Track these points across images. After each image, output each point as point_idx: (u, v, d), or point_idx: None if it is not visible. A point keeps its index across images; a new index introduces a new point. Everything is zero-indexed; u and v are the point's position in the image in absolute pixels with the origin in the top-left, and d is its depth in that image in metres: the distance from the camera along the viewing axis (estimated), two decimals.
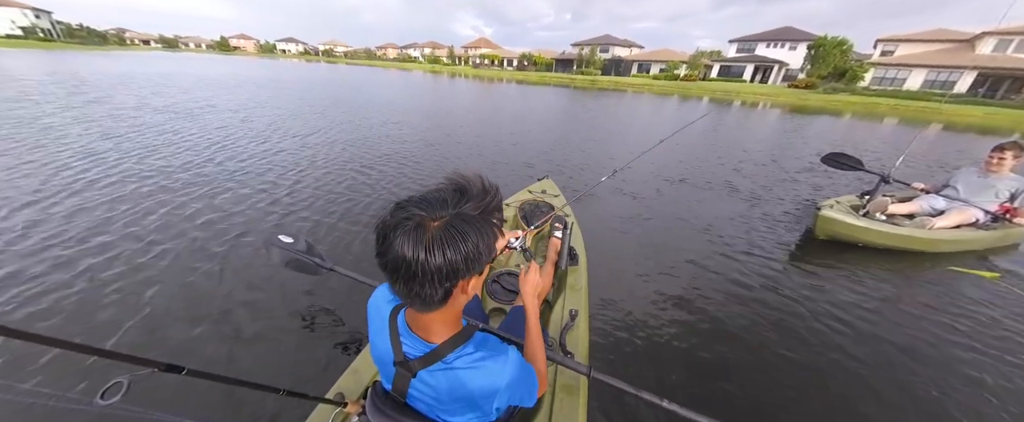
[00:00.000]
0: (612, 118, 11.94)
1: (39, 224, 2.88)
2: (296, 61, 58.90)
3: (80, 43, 55.05)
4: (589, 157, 6.50)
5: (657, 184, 5.04)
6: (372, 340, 0.76)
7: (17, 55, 23.95)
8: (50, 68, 16.04)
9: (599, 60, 48.54)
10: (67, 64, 19.07)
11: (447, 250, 0.52)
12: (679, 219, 3.97)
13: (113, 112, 7.55)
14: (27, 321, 1.94)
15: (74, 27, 62.85)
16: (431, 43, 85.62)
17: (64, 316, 1.99)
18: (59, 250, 2.55)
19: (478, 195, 0.58)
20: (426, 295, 0.55)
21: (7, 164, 4.14)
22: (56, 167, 4.14)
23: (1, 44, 35.51)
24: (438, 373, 0.66)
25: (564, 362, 1.15)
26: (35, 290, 2.14)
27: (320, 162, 5.12)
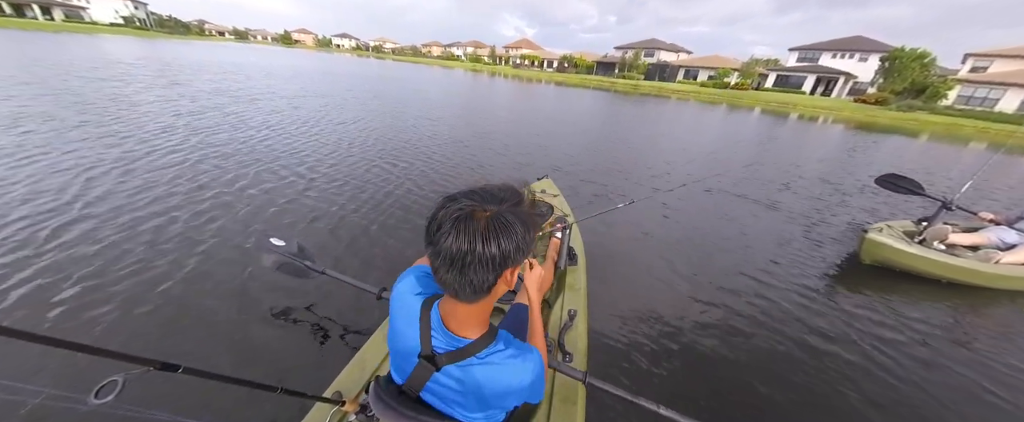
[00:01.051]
0: (650, 125, 11.62)
1: (94, 189, 3.42)
2: (348, 55, 62.54)
3: (168, 32, 62.20)
4: (615, 164, 6.41)
5: (695, 193, 4.93)
6: (396, 331, 0.75)
7: (117, 40, 27.48)
8: (142, 53, 18.33)
9: (643, 64, 47.05)
10: (156, 50, 21.73)
11: (502, 239, 0.55)
12: (710, 229, 3.89)
13: (186, 94, 8.56)
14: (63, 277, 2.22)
15: (164, 17, 71.03)
16: (474, 42, 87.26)
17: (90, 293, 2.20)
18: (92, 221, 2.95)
19: (517, 197, 0.62)
20: (479, 282, 0.58)
21: (94, 133, 4.88)
22: (131, 138, 4.83)
23: (105, 31, 41.05)
24: (470, 368, 0.67)
25: (560, 368, 1.14)
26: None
27: (355, 151, 5.51)
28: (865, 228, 3.09)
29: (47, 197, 3.06)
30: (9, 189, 3.12)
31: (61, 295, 2.00)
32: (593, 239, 3.27)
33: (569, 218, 2.38)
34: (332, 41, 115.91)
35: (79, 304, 1.95)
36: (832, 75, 35.87)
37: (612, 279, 2.76)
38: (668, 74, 45.66)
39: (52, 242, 2.47)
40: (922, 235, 3.09)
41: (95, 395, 0.55)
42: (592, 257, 2.93)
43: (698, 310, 2.47)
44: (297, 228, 3.01)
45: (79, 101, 6.66)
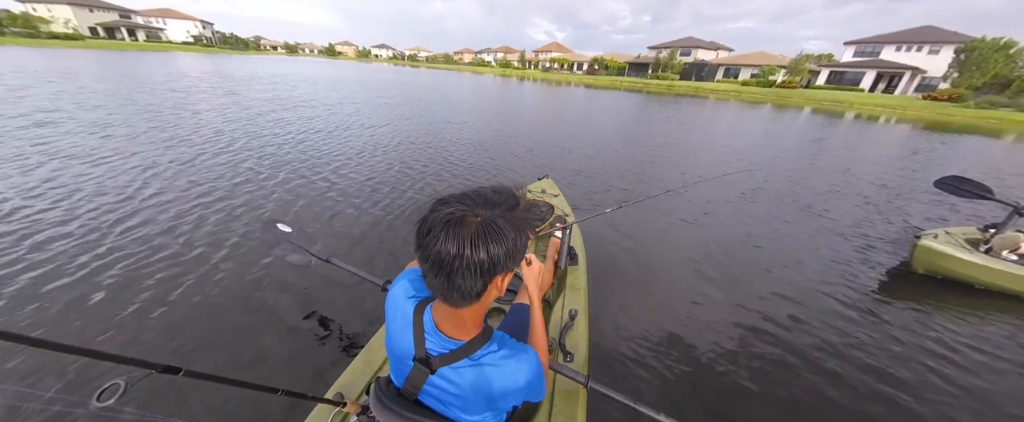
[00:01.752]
0: (680, 127, 11.13)
1: (147, 187, 3.81)
2: (385, 64, 65.87)
3: (230, 48, 68.90)
4: (633, 166, 6.21)
5: (731, 195, 4.70)
6: (391, 335, 0.75)
7: (187, 57, 30.86)
8: (206, 68, 20.42)
9: (678, 64, 45.22)
10: (218, 65, 24.10)
11: (491, 244, 0.54)
12: (736, 230, 3.68)
13: (239, 103, 9.42)
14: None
15: (226, 35, 78.90)
16: (504, 47, 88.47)
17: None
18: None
19: (513, 201, 0.61)
20: (466, 288, 0.57)
21: (157, 138, 5.50)
22: (186, 142, 5.38)
23: (178, 49, 46.44)
24: (465, 370, 0.66)
25: (561, 370, 1.13)
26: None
27: (379, 153, 5.77)
28: (917, 234, 2.77)
29: (110, 195, 3.50)
30: (83, 186, 3.61)
31: (70, 293, 2.08)
32: (603, 239, 3.22)
33: (569, 218, 2.35)
34: (371, 51, 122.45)
35: (82, 304, 2.00)
36: (895, 70, 32.45)
37: (621, 279, 2.68)
38: (706, 73, 43.56)
39: (105, 237, 2.80)
40: (989, 243, 2.70)
41: (97, 398, 0.55)
42: (602, 258, 2.91)
43: (714, 314, 2.33)
44: (313, 226, 3.15)
45: (150, 110, 7.55)
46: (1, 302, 1.98)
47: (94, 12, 51.90)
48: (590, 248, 2.98)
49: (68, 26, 46.93)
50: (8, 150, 4.42)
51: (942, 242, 2.64)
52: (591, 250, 2.97)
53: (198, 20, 67.19)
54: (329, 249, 2.66)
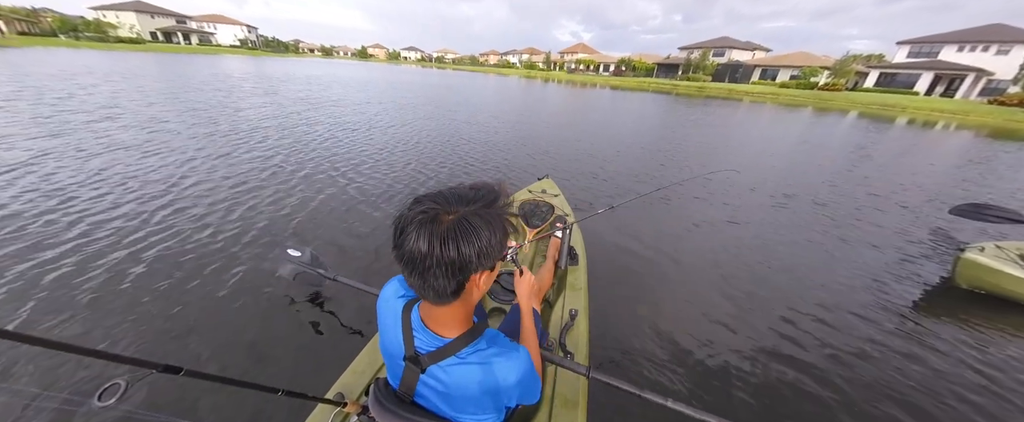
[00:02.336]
0: (705, 130, 10.71)
1: (184, 180, 4.08)
2: (414, 66, 67.74)
3: (272, 51, 73.40)
4: (642, 167, 6.05)
5: (762, 198, 4.55)
6: (382, 335, 0.76)
7: (233, 59, 33.14)
8: (249, 69, 21.82)
9: (711, 65, 43.52)
10: (260, 66, 25.70)
11: (461, 243, 0.53)
12: (770, 236, 3.52)
13: (275, 102, 9.98)
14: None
15: (269, 39, 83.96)
16: (529, 49, 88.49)
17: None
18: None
19: (492, 197, 0.60)
20: (440, 287, 0.57)
21: (199, 133, 5.93)
22: (223, 138, 5.77)
23: (226, 51, 50.05)
24: (451, 368, 0.66)
25: (562, 363, 1.13)
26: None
27: (397, 151, 5.95)
28: (962, 246, 2.54)
29: (153, 187, 3.81)
30: (131, 176, 3.96)
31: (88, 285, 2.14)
32: (610, 239, 3.17)
33: (569, 218, 2.35)
34: (400, 54, 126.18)
35: (106, 293, 2.08)
36: (956, 72, 29.67)
37: (625, 280, 2.63)
38: (741, 75, 41.65)
39: (139, 228, 3.04)
40: None
41: (98, 398, 0.54)
42: (604, 257, 2.87)
43: (725, 315, 2.24)
44: (323, 226, 3.17)
45: (197, 108, 8.16)
46: (42, 293, 2.11)
47: (155, 18, 56.78)
48: (600, 248, 2.99)
49: (132, 31, 51.62)
50: (73, 141, 4.92)
51: (990, 256, 2.40)
52: (602, 250, 2.98)
53: (244, 25, 71.78)
54: (332, 251, 2.72)
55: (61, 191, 3.39)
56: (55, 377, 1.50)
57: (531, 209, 2.44)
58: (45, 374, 1.52)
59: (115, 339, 1.77)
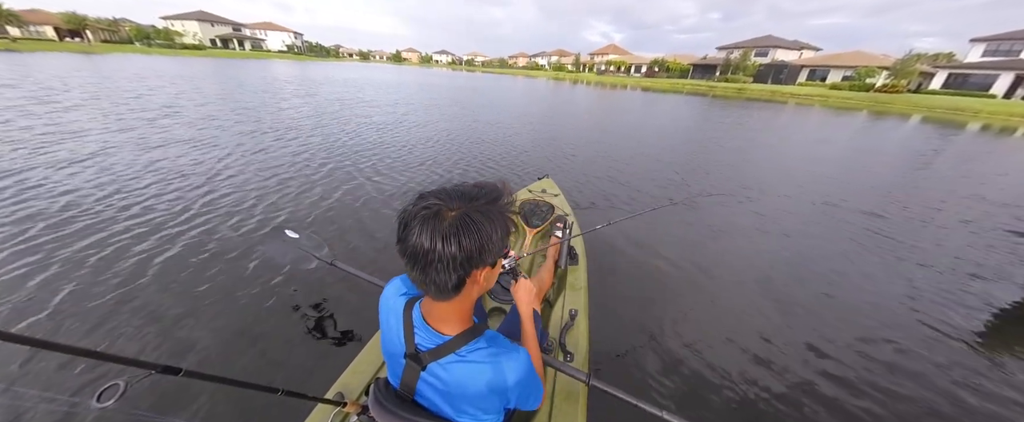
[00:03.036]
0: (744, 134, 10.09)
1: (221, 173, 4.33)
2: (444, 69, 69.37)
3: (315, 56, 78.16)
4: (661, 173, 5.73)
5: (801, 207, 4.25)
6: (383, 333, 0.77)
7: (280, 63, 35.58)
8: (293, 73, 23.26)
9: (752, 65, 41.21)
10: (303, 70, 27.33)
11: (463, 238, 0.54)
12: (806, 249, 3.22)
13: (312, 103, 10.54)
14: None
15: (313, 44, 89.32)
16: (558, 51, 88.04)
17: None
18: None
19: (494, 195, 0.61)
20: (441, 282, 0.58)
21: (243, 130, 6.34)
22: (262, 136, 6.11)
23: (275, 56, 53.94)
24: (450, 366, 0.66)
25: (563, 368, 1.12)
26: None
27: (417, 150, 6.07)
28: None
29: (194, 178, 4.11)
30: (173, 172, 4.29)
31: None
32: (617, 243, 3.05)
33: (569, 218, 2.33)
34: (432, 57, 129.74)
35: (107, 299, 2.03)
36: None
37: (632, 282, 2.52)
38: (786, 76, 39.14)
39: (177, 217, 3.27)
40: None
41: (97, 399, 0.54)
42: (612, 259, 2.78)
43: (755, 335, 2.06)
44: (337, 221, 3.19)
45: (244, 108, 8.80)
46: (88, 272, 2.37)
47: (214, 26, 62.12)
48: (611, 249, 2.89)
49: (195, 38, 56.82)
50: (134, 136, 5.44)
51: None
52: (613, 251, 2.88)
53: (291, 31, 76.93)
54: (349, 242, 2.78)
55: (114, 181, 3.73)
56: (54, 378, 1.50)
57: (531, 209, 2.44)
58: (44, 375, 1.52)
59: (117, 336, 1.77)
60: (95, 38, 49.80)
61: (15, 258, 2.32)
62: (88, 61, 20.37)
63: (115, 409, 0.55)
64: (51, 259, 2.34)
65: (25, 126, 5.52)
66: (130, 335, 1.79)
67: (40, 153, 4.36)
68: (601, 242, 2.95)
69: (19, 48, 29.09)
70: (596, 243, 2.87)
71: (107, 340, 1.76)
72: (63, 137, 5.09)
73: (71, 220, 2.86)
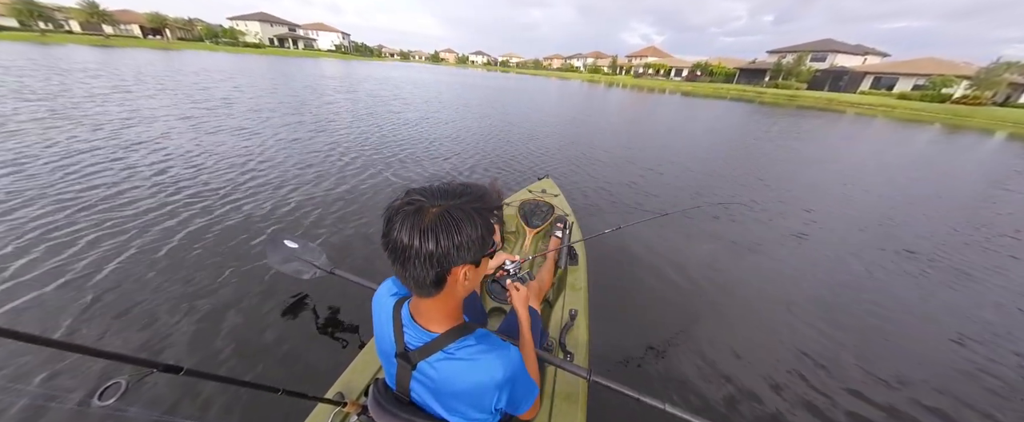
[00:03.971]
0: (793, 142, 9.33)
1: (256, 157, 4.61)
2: (479, 70, 70.44)
3: (359, 55, 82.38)
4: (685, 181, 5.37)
5: (848, 224, 3.85)
6: (376, 333, 0.78)
7: (329, 62, 37.87)
8: (339, 70, 24.64)
9: (807, 70, 38.29)
10: (348, 68, 28.84)
11: (440, 235, 0.55)
12: (843, 279, 2.92)
13: (352, 98, 11.08)
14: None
15: (358, 44, 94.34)
16: (595, 53, 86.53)
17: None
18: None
19: (479, 193, 0.61)
20: (419, 277, 0.58)
21: (284, 121, 6.76)
22: (301, 127, 6.47)
23: (324, 55, 57.60)
24: (439, 363, 0.66)
25: (563, 365, 1.11)
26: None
27: (435, 146, 6.17)
28: None
29: (232, 161, 4.44)
30: (216, 157, 4.66)
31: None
32: (627, 250, 2.93)
33: (570, 218, 2.33)
34: (469, 58, 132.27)
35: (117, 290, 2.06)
36: None
37: (639, 290, 2.39)
38: (846, 83, 35.98)
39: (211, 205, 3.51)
40: None
41: (99, 397, 0.55)
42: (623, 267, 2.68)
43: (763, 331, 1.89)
44: (346, 220, 3.14)
45: (289, 101, 9.41)
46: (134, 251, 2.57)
47: (272, 26, 67.20)
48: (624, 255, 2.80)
49: (256, 37, 61.72)
50: (193, 124, 5.99)
51: None
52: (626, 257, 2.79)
53: (339, 32, 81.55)
54: (351, 242, 2.77)
55: (166, 162, 4.11)
56: (55, 376, 1.50)
57: (531, 209, 2.42)
58: (45, 373, 1.51)
59: (118, 334, 1.77)
60: (173, 36, 55.53)
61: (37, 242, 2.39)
62: (165, 56, 22.83)
63: (116, 408, 0.55)
64: (63, 247, 2.37)
65: (105, 112, 6.27)
66: (130, 334, 1.77)
67: (112, 134, 4.91)
68: (609, 245, 2.86)
69: (111, 44, 33.15)
70: (604, 247, 2.78)
71: (107, 339, 1.73)
72: (133, 122, 5.71)
73: (120, 205, 3.04)
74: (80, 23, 46.66)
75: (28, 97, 6.91)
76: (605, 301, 2.23)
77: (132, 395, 0.60)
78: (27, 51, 18.06)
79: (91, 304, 1.94)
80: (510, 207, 2.50)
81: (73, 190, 3.20)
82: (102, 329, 1.79)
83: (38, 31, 39.26)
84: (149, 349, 1.70)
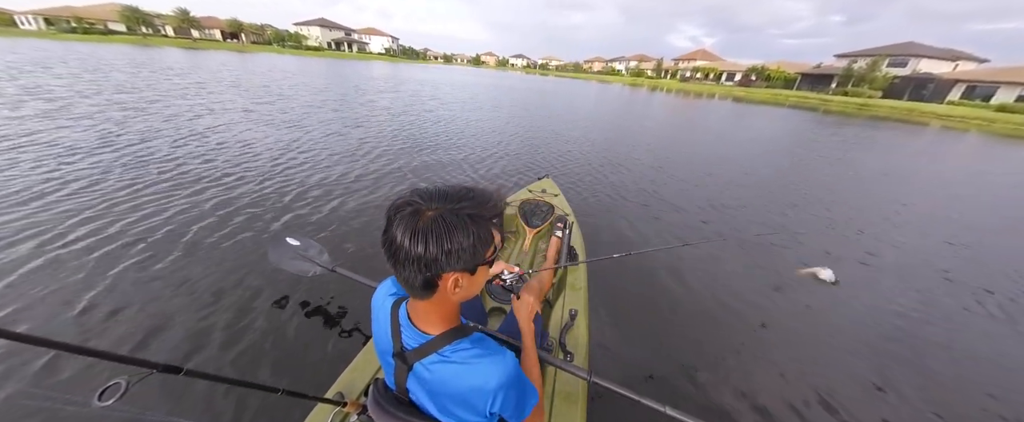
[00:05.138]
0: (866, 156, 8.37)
1: (294, 148, 4.91)
2: (518, 73, 71.08)
3: (406, 58, 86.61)
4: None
5: (918, 256, 3.39)
6: (374, 331, 0.78)
7: (378, 64, 40.24)
8: (386, 72, 26.03)
9: (883, 77, 34.33)
10: (395, 70, 30.42)
11: (430, 240, 0.54)
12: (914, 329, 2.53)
13: (394, 97, 11.66)
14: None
15: (406, 48, 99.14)
16: (639, 56, 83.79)
17: None
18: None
19: (481, 200, 0.60)
20: (409, 279, 0.59)
21: (323, 117, 7.25)
22: (337, 122, 6.88)
23: (375, 58, 61.62)
24: (434, 366, 0.67)
25: (563, 366, 1.10)
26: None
27: (468, 146, 6.24)
28: None
29: (272, 151, 4.81)
30: (262, 146, 5.07)
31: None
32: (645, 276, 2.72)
33: (569, 218, 2.31)
34: (509, 61, 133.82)
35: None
36: None
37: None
38: (932, 92, 31.82)
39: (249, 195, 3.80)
40: None
41: (99, 398, 0.55)
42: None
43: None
44: (363, 216, 3.18)
45: (336, 98, 10.10)
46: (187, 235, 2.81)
47: (331, 31, 72.59)
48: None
49: (317, 41, 67.03)
50: (253, 116, 6.63)
51: None
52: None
53: (389, 36, 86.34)
54: (350, 240, 2.77)
55: (221, 149, 4.54)
56: (55, 377, 1.49)
57: (531, 209, 2.42)
58: (45, 373, 1.50)
59: (121, 331, 1.77)
60: (247, 39, 61.83)
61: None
62: (240, 58, 25.61)
63: (116, 408, 0.55)
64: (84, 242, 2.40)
65: (182, 103, 7.14)
66: (131, 334, 1.75)
67: (179, 125, 5.55)
68: (620, 265, 2.59)
69: (197, 47, 37.87)
70: (613, 266, 2.51)
71: (108, 339, 1.72)
72: (202, 114, 6.42)
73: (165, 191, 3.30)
74: (173, 28, 53.75)
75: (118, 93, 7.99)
76: (605, 301, 2.21)
77: (132, 395, 0.55)
78: (131, 52, 21.05)
79: (91, 304, 1.90)
80: (510, 207, 2.52)
81: (71, 188, 3.15)
82: (102, 329, 1.77)
83: (140, 35, 46.05)
84: (149, 349, 1.69)
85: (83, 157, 3.89)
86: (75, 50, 19.40)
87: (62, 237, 2.45)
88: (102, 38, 37.33)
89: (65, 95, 6.97)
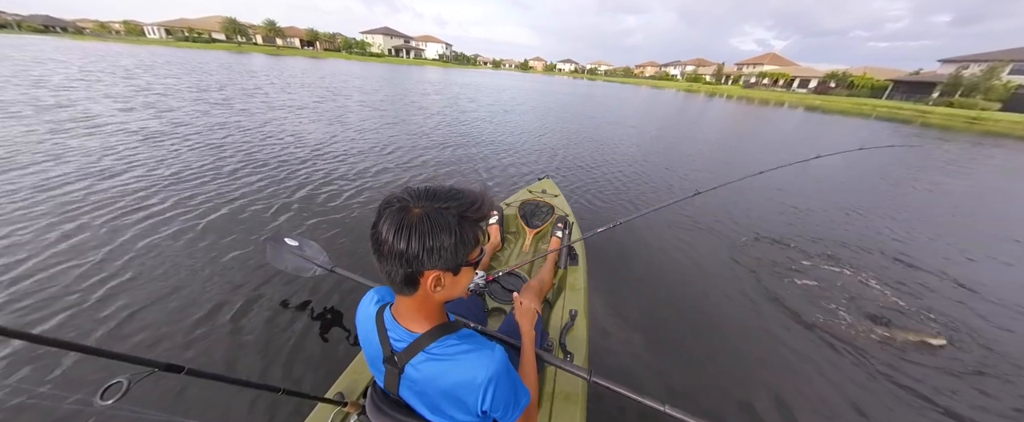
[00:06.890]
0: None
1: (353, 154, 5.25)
2: (565, 78, 70.46)
3: (458, 63, 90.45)
4: None
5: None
6: (362, 343, 0.78)
7: (433, 69, 42.55)
8: (438, 77, 27.38)
9: (1003, 85, 28.93)
10: (446, 75, 31.84)
11: (413, 237, 0.55)
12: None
13: (439, 99, 12.22)
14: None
15: (458, 54, 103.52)
16: (697, 60, 79.07)
17: None
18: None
19: (469, 201, 0.60)
20: (391, 273, 0.60)
21: (365, 115, 7.69)
22: (385, 127, 7.29)
23: (430, 64, 65.65)
24: (421, 364, 0.66)
25: (563, 366, 1.09)
26: None
27: (494, 148, 6.30)
28: None
29: (310, 144, 5.17)
30: (309, 142, 5.52)
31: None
32: None
33: (570, 218, 2.30)
34: (556, 66, 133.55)
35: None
36: None
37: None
38: None
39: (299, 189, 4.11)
40: None
41: (101, 396, 0.55)
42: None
43: None
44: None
45: (386, 98, 10.87)
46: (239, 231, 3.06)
47: (392, 39, 78.24)
48: None
49: (380, 48, 72.74)
50: (305, 114, 7.31)
51: None
52: None
53: (444, 43, 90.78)
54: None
55: (272, 142, 4.99)
56: (56, 375, 1.49)
57: (531, 209, 2.41)
58: (46, 372, 1.50)
59: (122, 330, 1.76)
60: (321, 47, 68.83)
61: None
62: (314, 63, 28.77)
63: (118, 407, 0.55)
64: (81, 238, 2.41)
65: (251, 103, 8.11)
66: (132, 333, 1.75)
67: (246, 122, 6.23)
68: (611, 245, 2.72)
69: (280, 53, 43.45)
70: (606, 247, 2.60)
71: (109, 338, 1.72)
72: (272, 112, 7.21)
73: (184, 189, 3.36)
74: (262, 36, 61.74)
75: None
76: (605, 301, 2.20)
77: (133, 394, 0.55)
78: (226, 58, 24.31)
79: (92, 302, 1.90)
80: (510, 207, 2.51)
81: (75, 185, 3.15)
82: (103, 328, 1.77)
83: (236, 43, 53.99)
84: (150, 348, 1.69)
85: (79, 157, 3.79)
86: (178, 56, 22.84)
87: (63, 237, 2.42)
88: (206, 45, 45.06)
89: (75, 98, 6.65)
